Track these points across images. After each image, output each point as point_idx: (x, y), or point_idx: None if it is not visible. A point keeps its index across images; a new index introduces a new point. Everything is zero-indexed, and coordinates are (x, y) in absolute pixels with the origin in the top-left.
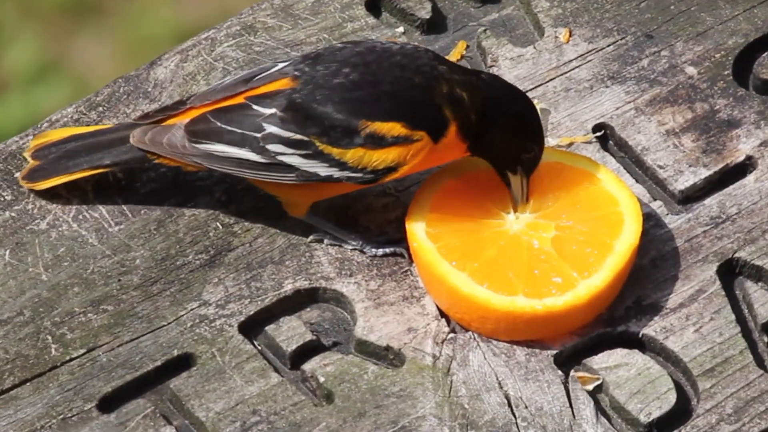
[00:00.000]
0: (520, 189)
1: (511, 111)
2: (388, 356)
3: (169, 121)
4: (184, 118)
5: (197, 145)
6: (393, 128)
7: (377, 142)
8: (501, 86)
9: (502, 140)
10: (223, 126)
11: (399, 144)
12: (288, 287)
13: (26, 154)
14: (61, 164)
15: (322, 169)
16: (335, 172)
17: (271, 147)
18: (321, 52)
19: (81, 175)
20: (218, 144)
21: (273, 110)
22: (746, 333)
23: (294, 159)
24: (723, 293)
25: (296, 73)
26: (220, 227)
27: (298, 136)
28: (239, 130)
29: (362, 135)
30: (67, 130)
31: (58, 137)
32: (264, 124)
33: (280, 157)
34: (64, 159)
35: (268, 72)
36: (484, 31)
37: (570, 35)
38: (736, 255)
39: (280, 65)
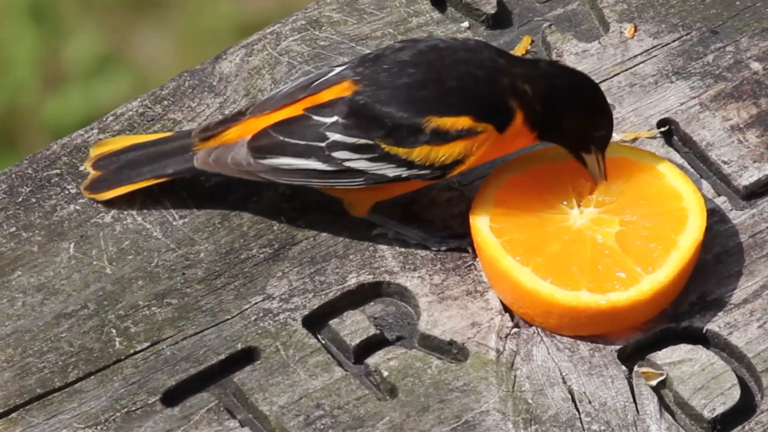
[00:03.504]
0: (597, 166)
1: (576, 95)
2: (451, 351)
3: (230, 132)
4: (245, 131)
5: (262, 161)
6: (457, 122)
7: (442, 137)
8: (562, 72)
9: (571, 124)
10: (286, 139)
11: (464, 137)
12: (352, 281)
13: (87, 165)
14: (124, 174)
15: (390, 170)
16: (403, 172)
17: (337, 154)
18: (380, 53)
19: (144, 185)
20: (283, 157)
21: (335, 118)
22: None
23: (361, 163)
24: None
25: (356, 77)
26: (284, 221)
27: (363, 141)
28: (303, 142)
29: (426, 132)
30: (126, 139)
31: (117, 146)
32: (327, 133)
33: (347, 163)
34: (126, 169)
35: (326, 77)
36: (549, 26)
37: (635, 30)
38: None
39: (338, 69)
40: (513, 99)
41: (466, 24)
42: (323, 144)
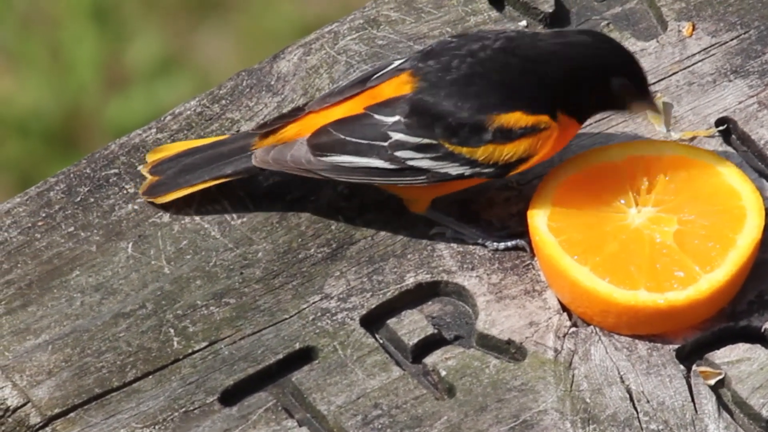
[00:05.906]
0: (657, 115)
1: (593, 75)
2: (509, 350)
3: (288, 128)
4: (304, 128)
5: (322, 158)
6: (518, 119)
7: (506, 135)
8: (577, 50)
9: (599, 101)
10: (347, 137)
11: (528, 135)
12: (410, 281)
13: (144, 171)
14: (182, 177)
15: (453, 169)
16: (466, 170)
17: (400, 153)
18: (434, 48)
19: (203, 187)
20: (344, 155)
21: (397, 117)
22: None
23: (424, 162)
24: None
25: (414, 70)
26: (342, 220)
27: (427, 141)
28: (364, 141)
29: (490, 131)
30: (182, 144)
31: (174, 151)
32: (389, 133)
33: (410, 162)
34: (184, 172)
35: (385, 70)
36: (607, 24)
37: (693, 29)
38: None
39: (397, 62)
40: (551, 87)
41: (524, 23)
42: (386, 143)
